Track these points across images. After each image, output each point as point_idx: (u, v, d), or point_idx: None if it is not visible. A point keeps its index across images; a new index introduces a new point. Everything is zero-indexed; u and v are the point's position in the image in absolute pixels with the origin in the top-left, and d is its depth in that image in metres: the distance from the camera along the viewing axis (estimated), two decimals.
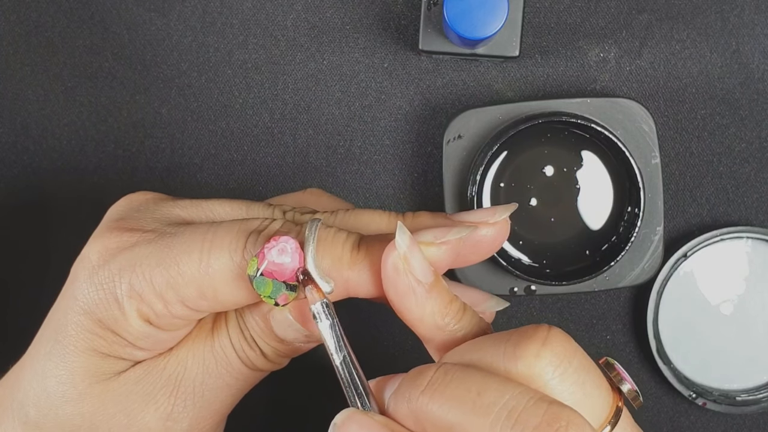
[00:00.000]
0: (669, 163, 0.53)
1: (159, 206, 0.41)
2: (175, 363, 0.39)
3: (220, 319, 0.40)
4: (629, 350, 0.54)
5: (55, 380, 0.38)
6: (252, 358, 0.39)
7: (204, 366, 0.39)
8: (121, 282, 0.37)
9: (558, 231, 0.51)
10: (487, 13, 0.45)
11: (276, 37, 0.53)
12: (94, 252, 0.38)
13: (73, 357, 0.38)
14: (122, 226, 0.39)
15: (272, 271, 0.36)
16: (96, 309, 0.38)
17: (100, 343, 0.38)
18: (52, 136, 0.54)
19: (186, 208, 0.41)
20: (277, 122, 0.53)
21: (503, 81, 0.53)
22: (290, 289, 0.36)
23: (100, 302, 0.38)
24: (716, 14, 0.52)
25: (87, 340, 0.38)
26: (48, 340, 0.39)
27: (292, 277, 0.36)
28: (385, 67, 0.53)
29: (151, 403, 0.39)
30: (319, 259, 0.37)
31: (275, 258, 0.36)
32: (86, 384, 0.38)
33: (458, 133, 0.50)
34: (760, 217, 0.53)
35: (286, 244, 0.36)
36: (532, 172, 0.50)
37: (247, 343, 0.39)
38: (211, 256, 0.37)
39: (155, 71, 0.53)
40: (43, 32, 0.53)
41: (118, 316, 0.37)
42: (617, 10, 0.52)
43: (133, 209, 0.41)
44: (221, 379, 0.39)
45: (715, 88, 0.53)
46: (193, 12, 0.53)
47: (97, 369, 0.38)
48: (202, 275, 0.37)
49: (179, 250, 0.37)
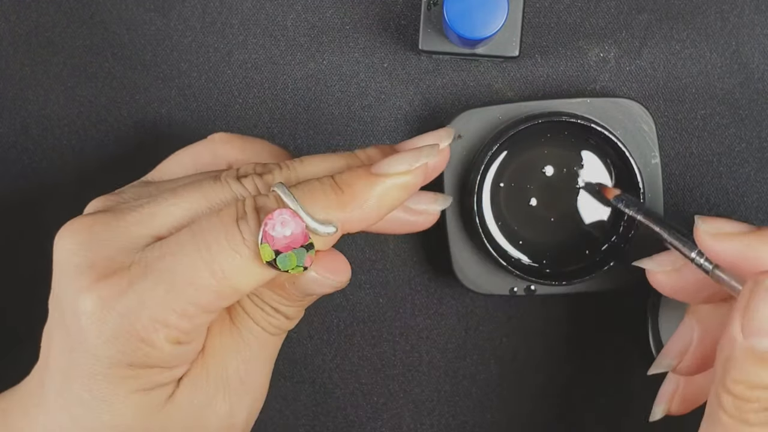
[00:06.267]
0: (669, 163, 0.53)
1: (111, 232, 0.39)
2: (215, 366, 0.40)
3: (235, 307, 0.40)
4: (629, 350, 0.54)
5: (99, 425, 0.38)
6: (277, 324, 0.41)
7: (240, 356, 0.40)
8: (140, 319, 0.36)
9: (558, 231, 0.51)
10: (487, 13, 0.45)
11: (276, 37, 0.53)
12: (88, 305, 0.37)
13: (119, 406, 0.37)
14: (100, 273, 0.38)
15: (287, 244, 0.37)
16: (123, 357, 0.37)
17: (139, 383, 0.38)
18: (52, 136, 0.54)
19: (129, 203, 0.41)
20: (277, 122, 0.53)
21: (503, 81, 0.53)
22: (310, 248, 0.38)
23: (126, 349, 0.37)
24: (716, 14, 0.52)
25: (126, 386, 0.37)
26: (66, 392, 0.38)
27: (305, 238, 0.37)
28: (385, 67, 0.53)
29: (210, 411, 0.40)
30: (313, 214, 0.38)
31: (282, 232, 0.37)
32: (144, 423, 0.38)
33: (458, 133, 0.50)
34: (760, 217, 0.53)
35: (281, 216, 0.37)
36: (532, 172, 0.50)
37: (269, 315, 0.40)
38: (222, 264, 0.37)
39: (155, 71, 0.53)
40: (44, 32, 0.53)
41: (149, 352, 0.37)
42: (617, 10, 0.52)
43: (88, 249, 0.38)
44: (257, 359, 0.41)
45: (715, 88, 0.53)
46: (192, 12, 0.53)
47: (147, 405, 0.38)
48: (221, 283, 0.37)
49: (185, 271, 0.37)
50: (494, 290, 0.51)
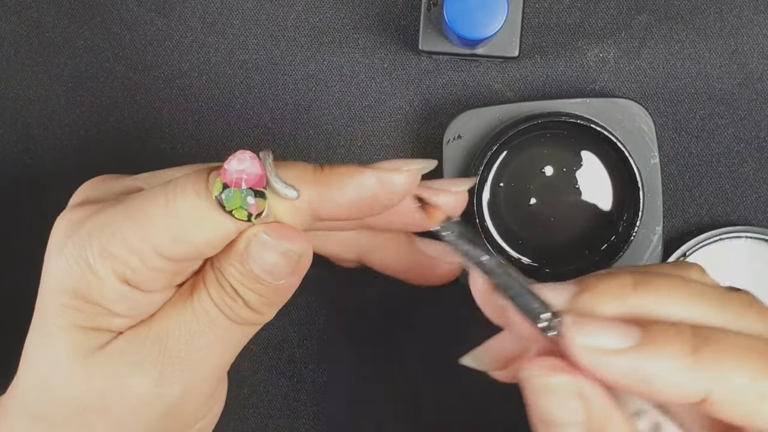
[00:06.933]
0: (668, 163, 0.53)
1: (117, 182, 0.41)
2: (157, 329, 0.39)
3: (198, 281, 0.39)
4: None
5: (46, 365, 0.38)
6: (234, 308, 0.39)
7: (186, 327, 0.39)
8: (91, 245, 0.37)
9: (558, 231, 0.51)
10: (486, 13, 0.45)
11: (276, 37, 0.53)
12: (59, 229, 0.38)
13: (55, 337, 0.38)
14: (84, 202, 0.39)
15: (236, 179, 0.36)
16: (69, 280, 0.37)
17: (78, 317, 0.37)
18: (53, 137, 0.54)
19: (144, 180, 0.41)
20: (277, 122, 0.54)
21: (503, 81, 0.53)
22: (259, 196, 0.36)
23: (72, 271, 0.37)
24: (715, 14, 0.52)
25: (65, 315, 0.37)
26: (33, 329, 0.39)
27: (258, 183, 0.36)
28: (385, 68, 0.53)
29: (138, 372, 0.38)
30: (283, 177, 0.37)
31: (236, 166, 0.36)
32: (72, 362, 0.38)
33: (458, 133, 0.50)
34: (758, 217, 0.53)
35: (242, 154, 0.36)
36: (531, 172, 0.50)
37: (228, 295, 0.38)
38: (177, 197, 0.36)
39: (156, 71, 0.53)
40: (45, 33, 0.53)
41: (92, 281, 0.37)
42: (617, 10, 0.52)
43: (93, 189, 0.41)
44: (206, 338, 0.39)
45: (714, 88, 0.53)
46: (193, 12, 0.53)
47: (80, 345, 0.38)
48: (171, 217, 0.36)
49: (145, 201, 0.37)
50: None
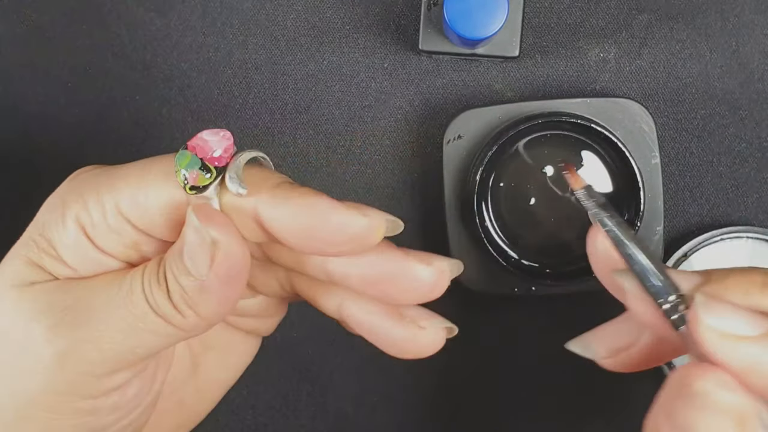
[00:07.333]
0: (669, 163, 0.53)
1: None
2: (84, 284, 0.38)
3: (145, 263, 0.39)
4: None
5: None
6: (157, 297, 0.37)
7: (108, 296, 0.37)
8: (74, 190, 0.38)
9: (558, 231, 0.51)
10: (486, 13, 0.45)
11: (276, 37, 0.53)
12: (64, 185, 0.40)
13: (6, 261, 0.39)
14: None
15: (196, 145, 0.36)
16: (41, 216, 0.39)
17: (31, 250, 0.38)
18: (52, 136, 0.54)
19: None
20: (277, 122, 0.53)
21: (503, 81, 0.53)
22: (205, 171, 0.36)
23: (50, 206, 0.39)
24: (716, 14, 0.52)
25: (23, 246, 0.39)
26: None
27: (210, 160, 0.36)
28: (385, 67, 0.53)
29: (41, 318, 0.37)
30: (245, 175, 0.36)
31: (203, 135, 0.36)
32: (4, 288, 0.38)
33: (458, 133, 0.50)
34: (759, 217, 0.53)
35: (219, 132, 0.37)
36: (532, 172, 0.50)
37: (157, 280, 0.37)
38: (155, 161, 0.38)
39: (155, 71, 0.53)
40: (44, 32, 0.53)
41: (57, 219, 0.38)
42: (617, 10, 0.52)
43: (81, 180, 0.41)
44: (118, 312, 0.37)
45: (715, 88, 0.53)
46: (193, 12, 0.53)
47: (17, 274, 0.38)
48: (142, 178, 0.37)
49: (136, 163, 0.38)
50: (494, 290, 0.51)
